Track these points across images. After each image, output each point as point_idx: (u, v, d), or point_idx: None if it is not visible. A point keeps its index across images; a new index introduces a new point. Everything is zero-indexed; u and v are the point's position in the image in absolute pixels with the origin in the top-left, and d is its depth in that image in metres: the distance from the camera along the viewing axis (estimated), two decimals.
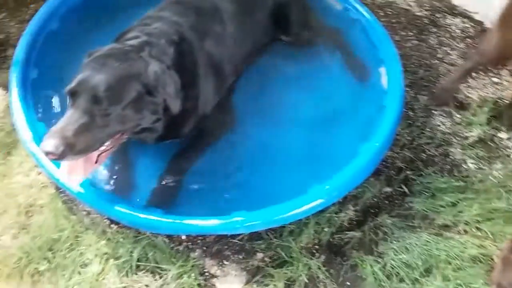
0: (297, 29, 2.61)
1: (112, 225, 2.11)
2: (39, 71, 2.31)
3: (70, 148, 1.68)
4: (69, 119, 1.73)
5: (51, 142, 1.66)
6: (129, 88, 1.83)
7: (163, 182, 2.11)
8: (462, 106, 2.65)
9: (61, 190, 2.21)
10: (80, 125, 1.72)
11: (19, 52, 2.29)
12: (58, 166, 1.90)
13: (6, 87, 2.53)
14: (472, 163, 2.43)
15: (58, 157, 1.68)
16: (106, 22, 2.57)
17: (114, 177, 2.15)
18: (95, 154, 1.83)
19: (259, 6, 2.46)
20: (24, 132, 2.07)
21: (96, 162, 1.86)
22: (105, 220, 2.13)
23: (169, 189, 2.10)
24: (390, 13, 3.07)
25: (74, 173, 1.82)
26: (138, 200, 2.07)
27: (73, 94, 1.78)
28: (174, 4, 2.25)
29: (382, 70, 2.49)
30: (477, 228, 2.16)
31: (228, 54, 2.29)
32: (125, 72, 1.84)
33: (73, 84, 1.79)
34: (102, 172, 2.14)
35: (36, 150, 2.01)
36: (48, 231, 2.09)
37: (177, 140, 2.24)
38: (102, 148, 1.84)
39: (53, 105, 2.32)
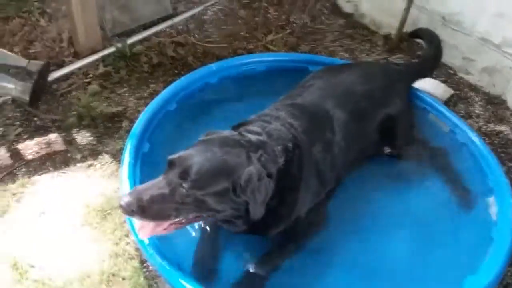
0: (402, 143, 2.58)
1: None
2: (150, 146, 2.43)
3: (141, 211, 1.75)
4: (153, 185, 1.80)
5: (127, 199, 1.75)
6: (216, 181, 1.83)
7: (251, 271, 2.06)
8: None
9: (145, 265, 2.19)
10: (159, 194, 1.77)
11: (137, 126, 2.44)
12: (129, 220, 1.99)
13: (114, 155, 2.70)
14: None
15: (127, 214, 1.79)
16: (218, 112, 2.73)
17: (200, 257, 2.13)
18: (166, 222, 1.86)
19: (370, 117, 2.46)
20: None
21: (165, 229, 1.88)
22: None
23: (257, 279, 2.05)
24: (496, 142, 2.95)
25: (143, 229, 1.87)
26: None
27: (170, 164, 1.84)
28: (289, 106, 2.29)
29: (491, 199, 2.34)
30: None
31: (332, 162, 2.26)
32: (222, 165, 1.85)
33: (175, 155, 1.86)
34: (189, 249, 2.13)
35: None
36: None
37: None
38: (175, 220, 1.86)
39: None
